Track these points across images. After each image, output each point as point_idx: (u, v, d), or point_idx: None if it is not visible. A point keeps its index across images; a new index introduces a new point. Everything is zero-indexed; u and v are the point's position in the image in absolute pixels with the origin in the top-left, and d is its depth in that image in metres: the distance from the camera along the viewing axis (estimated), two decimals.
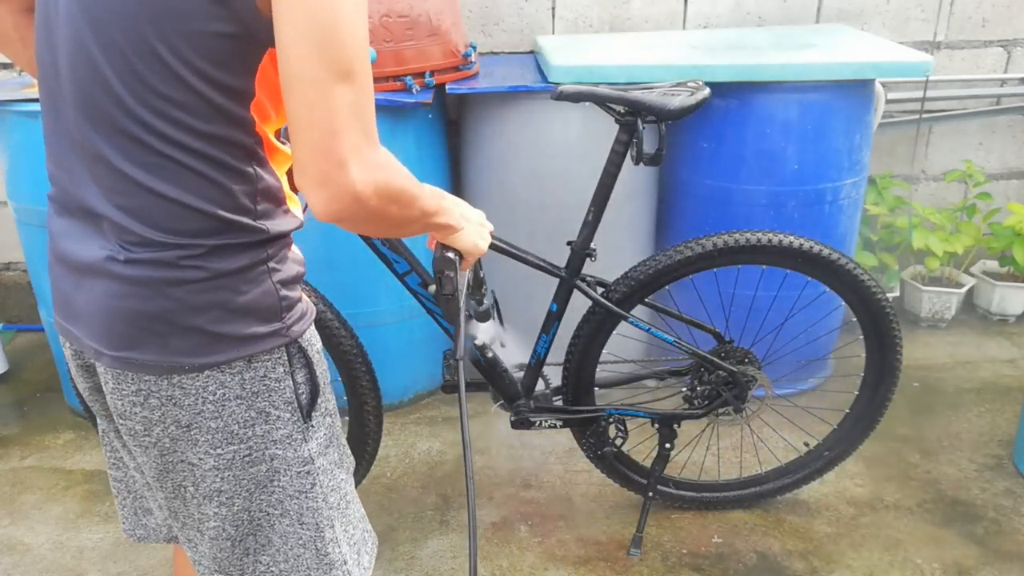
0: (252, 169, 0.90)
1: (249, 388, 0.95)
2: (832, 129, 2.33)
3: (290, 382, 0.98)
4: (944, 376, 2.75)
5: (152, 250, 0.88)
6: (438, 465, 2.37)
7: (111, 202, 0.88)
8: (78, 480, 2.33)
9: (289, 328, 0.97)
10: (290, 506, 1.03)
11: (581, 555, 2.01)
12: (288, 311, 0.97)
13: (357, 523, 1.13)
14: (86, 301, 0.93)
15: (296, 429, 1.00)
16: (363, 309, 2.34)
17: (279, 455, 1.00)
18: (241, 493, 1.00)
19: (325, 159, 0.80)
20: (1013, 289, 3.04)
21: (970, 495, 2.18)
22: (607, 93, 1.69)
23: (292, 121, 0.80)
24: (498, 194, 2.44)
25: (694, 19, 2.88)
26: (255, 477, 1.00)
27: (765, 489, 2.14)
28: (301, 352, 0.99)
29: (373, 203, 0.84)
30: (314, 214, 0.84)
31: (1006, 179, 3.19)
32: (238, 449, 0.97)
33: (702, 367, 1.95)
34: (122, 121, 0.85)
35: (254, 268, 0.92)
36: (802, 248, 1.82)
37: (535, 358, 1.93)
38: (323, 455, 1.04)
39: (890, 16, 2.92)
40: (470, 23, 2.81)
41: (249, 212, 0.91)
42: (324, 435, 1.05)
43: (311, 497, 1.03)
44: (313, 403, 1.02)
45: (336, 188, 0.81)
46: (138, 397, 0.94)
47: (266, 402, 0.97)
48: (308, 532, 1.05)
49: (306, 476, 1.02)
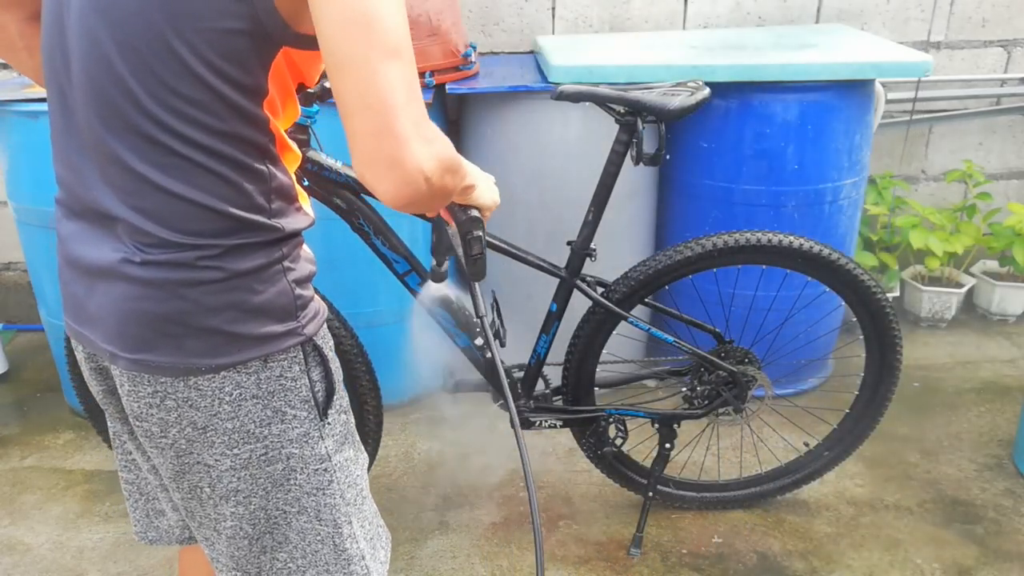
0: (266, 167, 0.90)
1: (265, 388, 0.95)
2: (832, 129, 2.33)
3: (306, 380, 0.98)
4: (944, 376, 2.75)
5: (169, 251, 0.88)
6: (438, 465, 2.37)
7: (126, 203, 0.88)
8: (78, 480, 2.33)
9: (304, 327, 0.97)
10: (307, 503, 1.03)
11: (581, 555, 2.01)
12: (303, 310, 0.97)
13: (372, 518, 1.13)
14: (100, 304, 0.93)
15: (313, 427, 1.00)
16: (363, 309, 2.34)
17: (296, 453, 1.00)
18: (258, 492, 1.00)
19: (388, 140, 0.79)
20: (1013, 289, 3.04)
21: (970, 495, 2.18)
22: (607, 93, 1.69)
23: (346, 108, 0.80)
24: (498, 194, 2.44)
25: (694, 19, 2.88)
26: (272, 476, 1.00)
27: (765, 489, 2.14)
28: (316, 350, 0.99)
29: (437, 177, 0.83)
30: (386, 202, 0.84)
31: (1006, 179, 3.19)
32: (255, 448, 0.97)
33: (702, 367, 1.94)
34: (137, 120, 0.84)
35: (269, 268, 0.92)
36: (802, 248, 1.82)
37: (535, 358, 1.93)
38: (339, 452, 1.05)
39: (890, 16, 2.92)
40: (470, 23, 2.81)
41: (264, 211, 0.91)
42: (340, 432, 1.05)
43: (328, 494, 1.04)
44: (329, 401, 1.02)
45: (404, 169, 0.80)
46: (154, 399, 0.94)
47: (282, 401, 0.97)
48: (326, 528, 1.05)
49: (323, 473, 1.02)
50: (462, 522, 2.13)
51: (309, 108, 1.63)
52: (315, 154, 1.67)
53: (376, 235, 1.75)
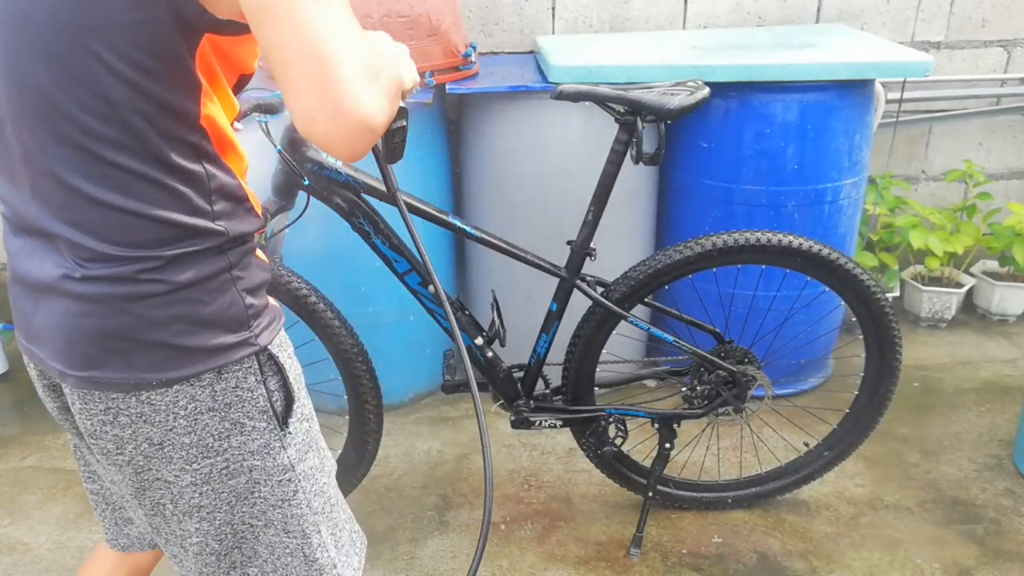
0: (202, 167, 0.87)
1: (221, 400, 0.93)
2: (832, 129, 2.33)
3: (263, 391, 0.96)
4: (944, 376, 2.75)
5: (109, 265, 0.85)
6: (438, 465, 2.37)
7: (60, 218, 0.85)
8: (78, 480, 2.33)
9: (257, 336, 0.94)
10: (273, 516, 1.01)
11: (581, 555, 2.01)
12: (255, 319, 0.94)
13: (344, 524, 1.12)
14: (45, 321, 0.91)
15: (273, 437, 0.98)
16: (363, 309, 2.34)
17: (258, 465, 0.98)
18: (222, 507, 0.98)
19: (331, 90, 0.73)
20: (1013, 289, 3.03)
21: (970, 495, 2.18)
22: (607, 93, 1.69)
23: (277, 63, 0.74)
24: (498, 194, 2.44)
25: (694, 19, 2.88)
26: (235, 489, 0.98)
27: (765, 489, 2.14)
28: (272, 359, 0.97)
29: (388, 115, 0.79)
30: (340, 158, 0.80)
31: (1006, 179, 3.19)
32: (215, 462, 0.95)
33: (702, 367, 1.94)
34: (65, 129, 0.82)
35: (217, 277, 0.90)
36: (802, 248, 1.82)
37: (535, 358, 1.93)
38: (303, 461, 1.02)
39: (890, 16, 2.92)
40: (470, 23, 2.81)
41: (205, 213, 0.88)
42: (302, 441, 1.02)
43: (294, 504, 1.02)
44: (289, 410, 0.99)
45: (352, 118, 0.74)
46: (107, 416, 0.92)
47: (240, 413, 0.95)
48: (295, 540, 1.03)
49: (287, 484, 1.00)
50: (462, 522, 2.13)
51: None
52: (315, 153, 1.67)
53: (376, 235, 1.76)
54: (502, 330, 1.90)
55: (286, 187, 1.69)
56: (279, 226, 1.69)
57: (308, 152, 1.66)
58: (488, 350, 1.91)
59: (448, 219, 1.78)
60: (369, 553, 2.00)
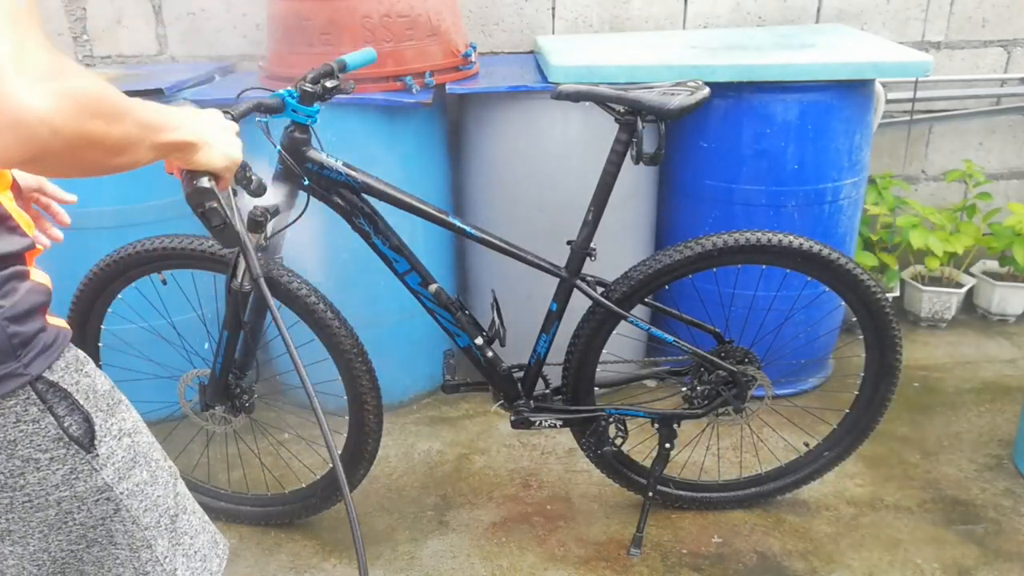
0: None
1: (3, 437, 0.85)
2: (832, 129, 2.33)
3: (51, 418, 0.87)
4: (944, 376, 2.75)
5: None
6: (438, 465, 2.37)
7: None
8: None
9: (28, 366, 0.84)
10: (96, 535, 0.95)
11: (581, 555, 2.01)
12: (24, 347, 0.84)
13: (196, 534, 1.05)
14: None
15: (80, 462, 0.90)
16: (363, 309, 2.34)
17: (66, 496, 0.90)
18: (33, 535, 0.91)
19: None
20: (1013, 289, 3.04)
21: (970, 495, 2.18)
22: (607, 92, 1.69)
23: None
24: (498, 194, 2.44)
25: (694, 19, 2.88)
26: (45, 520, 0.91)
27: (765, 489, 2.14)
28: (52, 386, 0.87)
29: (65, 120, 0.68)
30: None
31: (1006, 179, 3.19)
32: (15, 496, 0.88)
33: (702, 367, 1.94)
34: None
35: None
36: (802, 248, 1.82)
37: (535, 358, 1.93)
38: (126, 479, 0.95)
39: (890, 16, 2.92)
40: (470, 23, 2.81)
41: None
42: (123, 457, 0.95)
43: (118, 520, 0.95)
44: (91, 432, 0.91)
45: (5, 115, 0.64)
46: None
47: (30, 448, 0.86)
48: (123, 552, 0.97)
49: (106, 503, 0.93)
50: (462, 522, 2.13)
51: (310, 108, 1.63)
52: (315, 154, 1.67)
53: (376, 235, 1.76)
54: (502, 330, 1.90)
55: (286, 187, 1.69)
56: (279, 226, 1.69)
57: (308, 152, 1.66)
58: (488, 350, 1.91)
59: (448, 219, 1.78)
60: (369, 553, 2.01)
